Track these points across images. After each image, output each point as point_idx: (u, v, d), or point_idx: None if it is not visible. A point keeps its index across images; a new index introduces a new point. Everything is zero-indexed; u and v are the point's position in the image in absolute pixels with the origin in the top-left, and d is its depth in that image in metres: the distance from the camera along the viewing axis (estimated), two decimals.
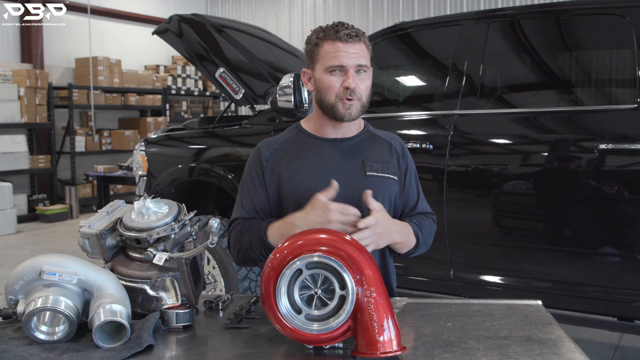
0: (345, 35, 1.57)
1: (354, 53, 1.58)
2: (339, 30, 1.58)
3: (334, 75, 1.59)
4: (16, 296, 1.29)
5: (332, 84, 1.59)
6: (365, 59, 1.61)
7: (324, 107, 1.64)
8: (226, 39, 3.67)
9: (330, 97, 1.61)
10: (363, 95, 1.61)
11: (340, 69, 1.59)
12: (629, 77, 2.64)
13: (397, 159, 1.73)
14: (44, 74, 7.87)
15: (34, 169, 7.82)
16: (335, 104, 1.60)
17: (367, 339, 1.17)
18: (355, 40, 1.58)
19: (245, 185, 1.70)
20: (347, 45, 1.57)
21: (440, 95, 2.98)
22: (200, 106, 10.44)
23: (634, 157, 2.44)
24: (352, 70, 1.58)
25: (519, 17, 2.91)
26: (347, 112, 1.60)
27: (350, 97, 1.58)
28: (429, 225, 1.73)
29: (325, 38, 1.60)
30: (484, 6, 7.95)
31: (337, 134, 1.69)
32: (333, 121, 1.65)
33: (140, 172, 3.70)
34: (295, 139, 1.72)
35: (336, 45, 1.58)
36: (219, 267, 3.23)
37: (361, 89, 1.60)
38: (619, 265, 2.54)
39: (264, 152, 1.69)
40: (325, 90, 1.61)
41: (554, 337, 1.29)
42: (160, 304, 1.38)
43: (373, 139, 1.74)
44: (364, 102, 1.62)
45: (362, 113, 1.65)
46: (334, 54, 1.58)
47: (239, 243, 1.63)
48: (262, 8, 10.23)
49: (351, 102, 1.59)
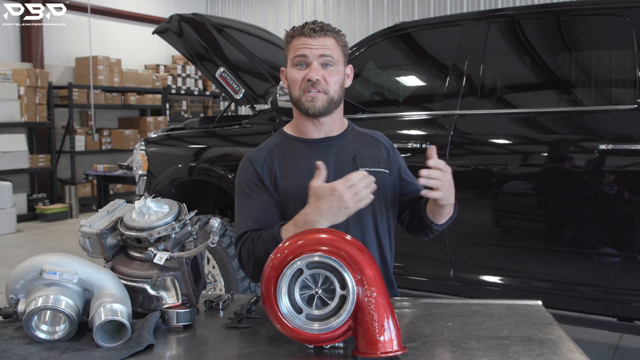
0: (309, 30, 1.60)
1: (317, 45, 1.60)
2: (304, 26, 1.62)
3: (299, 70, 1.61)
4: (17, 295, 1.29)
5: (296, 77, 1.61)
6: (332, 51, 1.61)
7: (293, 103, 1.66)
8: (226, 38, 3.67)
9: (295, 91, 1.63)
10: (330, 88, 1.61)
11: (304, 62, 1.60)
12: (629, 77, 2.64)
13: (387, 153, 1.74)
14: (44, 73, 7.86)
15: (34, 168, 7.81)
16: (300, 98, 1.62)
17: (367, 338, 1.17)
18: (320, 34, 1.60)
19: (242, 199, 1.65)
20: (310, 38, 1.60)
21: (440, 96, 2.98)
22: (200, 106, 10.43)
23: (633, 157, 2.44)
24: (315, 62, 1.59)
25: (519, 18, 2.91)
26: (311, 105, 1.60)
27: (313, 88, 1.58)
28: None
29: (293, 35, 1.64)
30: (484, 6, 7.95)
31: (320, 134, 1.68)
32: (310, 119, 1.65)
33: (140, 172, 3.70)
34: (282, 144, 1.70)
35: (301, 39, 1.61)
36: (218, 267, 3.24)
37: (328, 82, 1.60)
38: (619, 266, 2.54)
39: (256, 162, 1.66)
40: (292, 84, 1.63)
41: (554, 337, 1.29)
42: (160, 304, 1.38)
43: (359, 137, 1.74)
44: (331, 96, 1.61)
45: (332, 107, 1.63)
46: (297, 47, 1.61)
47: (253, 255, 1.54)
48: (262, 8, 10.23)
49: (313, 95, 1.59)
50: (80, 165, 8.47)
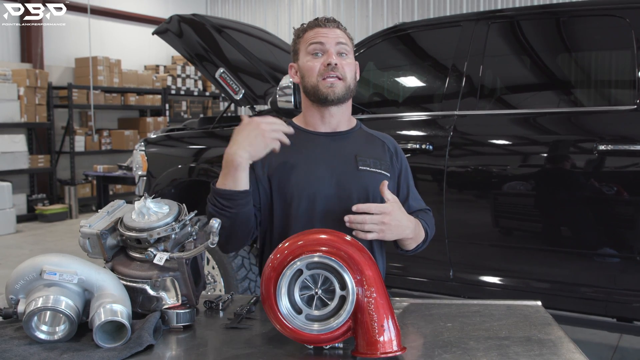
0: (323, 20, 1.65)
1: (333, 35, 1.63)
2: (318, 19, 1.67)
3: (316, 58, 1.63)
4: (17, 296, 1.29)
5: (313, 64, 1.62)
6: (346, 42, 1.65)
7: (308, 92, 1.65)
8: (226, 39, 3.67)
9: (312, 78, 1.62)
10: (347, 75, 1.62)
11: (321, 50, 1.62)
12: (629, 78, 2.64)
13: (391, 157, 1.72)
14: (43, 74, 7.87)
15: (34, 168, 7.81)
16: (317, 84, 1.61)
17: (367, 339, 1.17)
18: (334, 25, 1.65)
19: None
20: (326, 28, 1.64)
21: (440, 96, 2.98)
22: (200, 106, 10.43)
23: (633, 158, 2.44)
24: (332, 49, 1.61)
25: (518, 18, 2.92)
26: (331, 91, 1.60)
27: (333, 73, 1.59)
28: (431, 221, 1.72)
29: (306, 29, 1.67)
30: (484, 7, 7.96)
31: (327, 128, 1.68)
32: (321, 110, 1.65)
33: (140, 172, 3.70)
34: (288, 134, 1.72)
35: (315, 30, 1.65)
36: (218, 267, 3.23)
37: (344, 68, 1.61)
38: (618, 266, 2.55)
39: None
40: (308, 73, 1.63)
41: (554, 338, 1.29)
42: (160, 304, 1.38)
43: (365, 137, 1.74)
44: (348, 83, 1.62)
45: (348, 96, 1.64)
46: (313, 37, 1.64)
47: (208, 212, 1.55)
48: (262, 8, 10.23)
49: (333, 80, 1.60)
50: (79, 166, 8.47)
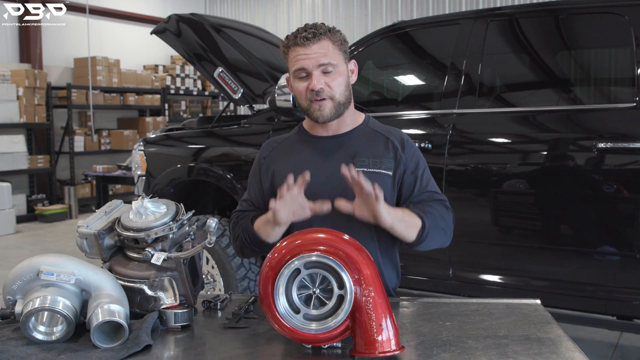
0: (302, 39, 1.59)
1: (313, 54, 1.58)
2: (297, 36, 1.60)
3: (302, 80, 1.62)
4: (14, 296, 1.29)
5: (300, 89, 1.63)
6: (330, 56, 1.60)
7: (303, 112, 1.69)
8: (225, 38, 3.67)
9: (302, 101, 1.65)
10: (335, 92, 1.61)
11: (305, 72, 1.61)
12: (628, 75, 2.64)
13: (395, 153, 1.68)
14: (42, 74, 7.86)
15: (33, 169, 7.81)
16: (309, 108, 1.64)
17: (365, 338, 1.17)
18: (314, 40, 1.58)
19: (249, 181, 1.79)
20: (305, 48, 1.59)
21: (438, 95, 2.98)
22: (199, 106, 10.43)
23: (632, 155, 2.44)
24: (315, 71, 1.59)
25: (517, 16, 2.91)
26: (320, 114, 1.62)
27: (319, 97, 1.60)
28: (436, 209, 1.63)
29: (288, 46, 1.63)
30: (483, 5, 7.95)
31: (328, 132, 1.70)
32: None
33: (139, 172, 3.70)
34: (294, 137, 1.77)
35: (296, 50, 1.61)
36: (217, 267, 3.23)
37: (331, 87, 1.60)
38: (618, 264, 2.54)
39: (264, 150, 1.78)
40: (298, 95, 1.66)
41: (553, 336, 1.29)
42: (158, 304, 1.38)
43: (369, 134, 1.72)
44: (338, 100, 1.62)
45: (341, 110, 1.64)
46: (295, 59, 1.61)
47: (233, 233, 1.72)
48: (261, 8, 10.23)
49: (321, 103, 1.60)
50: (79, 166, 8.47)
